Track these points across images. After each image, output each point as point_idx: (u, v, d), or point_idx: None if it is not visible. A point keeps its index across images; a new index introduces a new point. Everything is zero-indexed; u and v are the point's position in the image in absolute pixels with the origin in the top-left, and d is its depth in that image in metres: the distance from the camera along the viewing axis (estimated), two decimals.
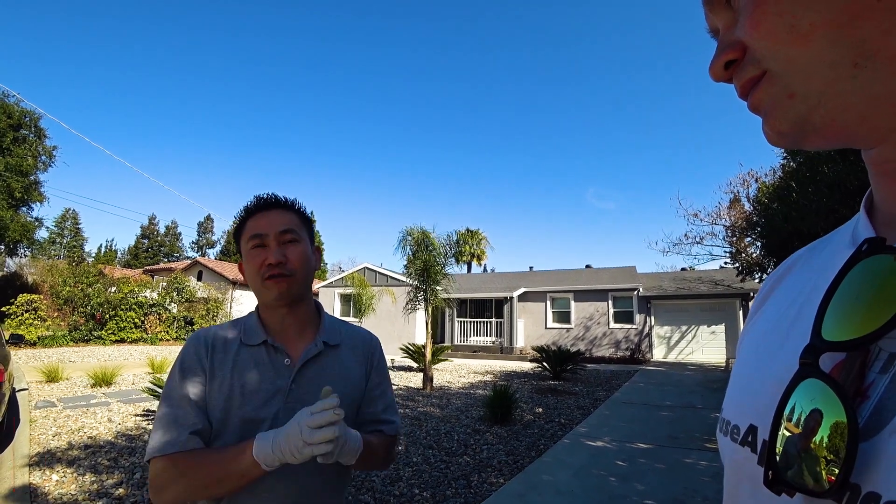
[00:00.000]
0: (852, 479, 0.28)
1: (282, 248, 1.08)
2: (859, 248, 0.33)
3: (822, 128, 0.33)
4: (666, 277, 20.97)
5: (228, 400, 1.01)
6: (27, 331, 16.73)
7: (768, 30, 0.33)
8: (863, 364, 0.31)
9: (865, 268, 0.32)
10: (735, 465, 0.41)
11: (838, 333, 0.31)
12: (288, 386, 1.04)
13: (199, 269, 29.18)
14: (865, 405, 0.30)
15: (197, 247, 61.24)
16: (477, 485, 4.24)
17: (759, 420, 0.37)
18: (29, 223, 21.69)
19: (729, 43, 0.37)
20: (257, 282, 1.07)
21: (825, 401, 0.30)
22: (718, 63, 0.37)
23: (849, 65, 0.30)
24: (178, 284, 22.39)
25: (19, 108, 20.27)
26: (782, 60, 0.33)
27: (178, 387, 1.01)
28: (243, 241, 1.11)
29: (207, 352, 1.04)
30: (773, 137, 0.36)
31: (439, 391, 9.75)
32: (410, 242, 10.50)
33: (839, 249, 0.40)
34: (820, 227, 7.62)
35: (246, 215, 1.13)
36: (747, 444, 0.39)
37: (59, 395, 8.04)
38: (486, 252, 32.04)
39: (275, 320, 1.11)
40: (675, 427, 6.52)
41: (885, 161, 0.35)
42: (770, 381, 0.37)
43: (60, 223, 50.95)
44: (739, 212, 14.85)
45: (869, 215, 0.39)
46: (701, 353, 17.65)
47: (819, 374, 0.31)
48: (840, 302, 0.33)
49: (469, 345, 20.06)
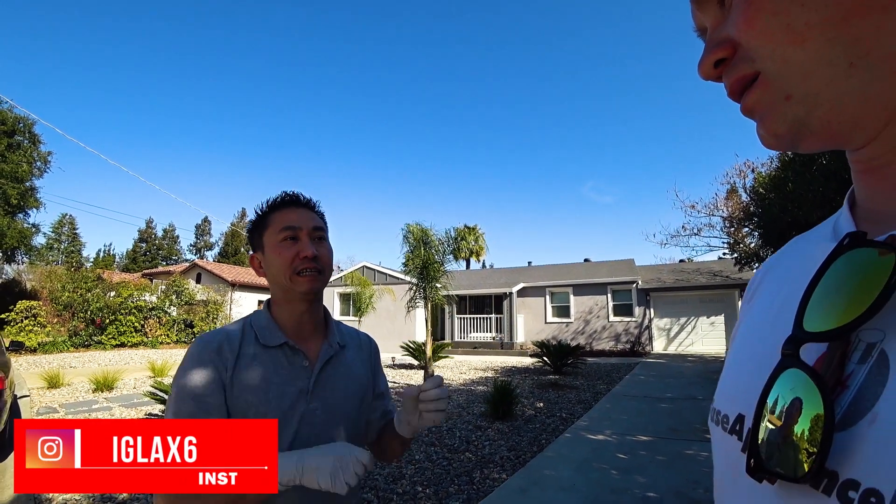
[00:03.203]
0: (831, 467, 0.29)
1: (315, 244, 1.07)
2: (841, 243, 0.34)
3: (818, 130, 0.33)
4: (664, 269, 21.01)
5: (251, 406, 0.97)
6: (27, 337, 16.68)
7: (763, 28, 0.33)
8: (843, 355, 0.32)
9: (846, 261, 0.33)
10: (723, 453, 0.42)
11: (819, 324, 0.32)
12: (309, 388, 1.04)
13: (197, 271, 29.13)
14: (845, 395, 0.31)
15: (195, 249, 61.18)
16: (479, 481, 4.26)
17: (747, 409, 0.38)
18: (26, 229, 21.60)
19: (719, 41, 0.36)
20: (286, 274, 1.04)
21: (805, 390, 0.31)
22: (708, 61, 0.37)
23: (845, 64, 0.31)
24: (178, 287, 22.35)
25: (13, 114, 20.16)
26: (778, 60, 0.33)
27: (194, 393, 0.95)
28: (271, 232, 1.07)
29: (223, 356, 0.99)
30: (768, 140, 0.36)
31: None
32: (410, 240, 10.50)
33: (821, 243, 0.41)
34: (816, 216, 7.65)
35: (270, 209, 1.11)
36: (734, 432, 0.40)
37: (61, 400, 8.04)
38: (485, 248, 32.11)
39: (291, 319, 1.08)
40: (676, 419, 6.55)
41: (869, 159, 0.36)
42: (756, 372, 0.38)
43: (58, 229, 50.81)
44: (736, 202, 14.88)
45: (851, 210, 0.40)
46: (701, 344, 17.72)
47: (799, 364, 0.32)
48: (821, 294, 0.33)
49: (469, 341, 20.09)
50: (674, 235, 17.13)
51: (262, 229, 1.10)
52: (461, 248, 11.02)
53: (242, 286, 26.27)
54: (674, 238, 17.18)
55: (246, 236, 1.19)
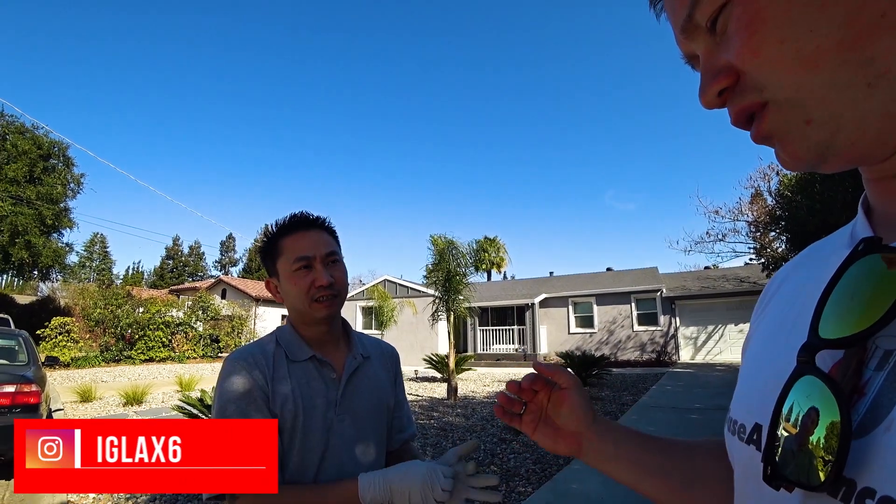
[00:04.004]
0: (848, 475, 0.28)
1: (329, 270, 1.09)
2: (856, 248, 0.34)
3: (843, 151, 0.32)
4: (689, 277, 20.60)
5: (286, 419, 1.00)
6: (61, 352, 17.20)
7: (771, 57, 0.32)
8: (860, 362, 0.32)
9: (862, 267, 0.32)
10: (742, 464, 0.41)
11: (834, 331, 0.32)
12: (337, 398, 1.07)
13: (222, 287, 29.71)
14: (862, 402, 0.30)
15: (220, 265, 62.39)
16: (505, 494, 4.20)
17: (763, 418, 0.37)
18: (60, 249, 22.42)
19: (719, 69, 0.35)
20: (305, 302, 1.06)
21: (821, 398, 0.31)
22: (711, 91, 0.36)
23: (863, 85, 0.30)
24: (203, 303, 22.80)
25: (48, 139, 21.06)
26: (791, 87, 0.32)
27: (240, 400, 0.98)
28: (284, 261, 1.09)
29: (262, 368, 1.03)
30: (790, 164, 0.36)
31: (463, 401, 9.70)
32: (434, 251, 10.54)
33: (837, 249, 0.40)
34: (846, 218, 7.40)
35: (279, 234, 1.12)
36: (752, 441, 0.39)
37: (93, 414, 8.26)
38: (506, 259, 32.01)
39: (316, 335, 1.12)
40: (706, 430, 6.37)
41: (886, 170, 0.35)
42: (771, 380, 0.37)
43: (89, 247, 52.41)
44: (761, 206, 14.56)
45: (867, 216, 0.39)
46: (729, 352, 17.23)
47: (815, 372, 0.32)
48: (837, 300, 0.33)
49: (492, 353, 19.95)
50: (698, 242, 16.84)
51: (275, 256, 1.11)
52: (483, 259, 11.00)
53: (266, 301, 26.64)
54: (698, 244, 16.88)
55: (258, 258, 1.21)
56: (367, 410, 1.11)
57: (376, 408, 1.14)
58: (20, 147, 19.80)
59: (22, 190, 19.84)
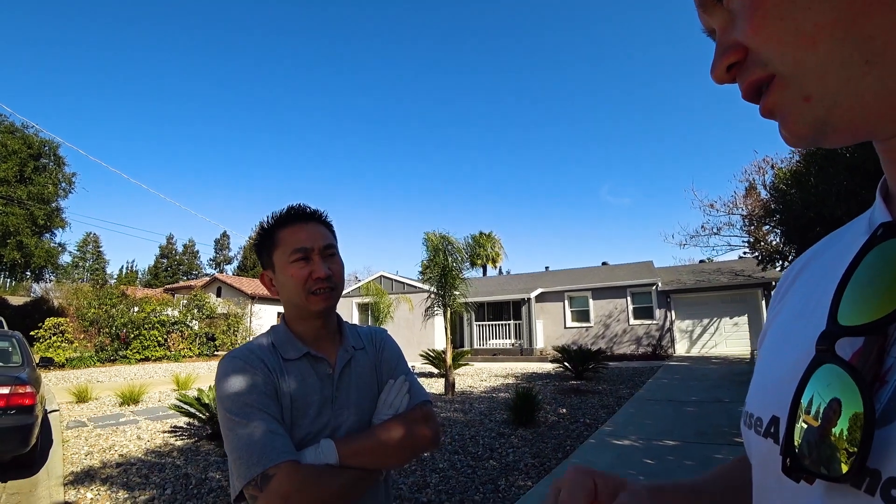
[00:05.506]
0: (872, 465, 0.28)
1: (326, 262, 1.08)
2: (874, 233, 0.33)
3: (841, 127, 0.33)
4: (684, 271, 20.69)
5: (291, 414, 1.01)
6: (55, 353, 17.08)
7: (771, 34, 0.32)
8: (881, 349, 0.31)
9: (881, 252, 0.32)
10: (760, 458, 0.41)
11: (854, 318, 0.31)
12: (333, 394, 1.07)
13: (217, 285, 29.60)
14: (884, 390, 0.30)
15: (214, 263, 62.24)
16: (504, 489, 4.22)
17: (781, 411, 0.37)
18: (52, 249, 22.23)
19: (729, 45, 0.36)
20: (301, 295, 1.05)
21: (843, 387, 0.30)
22: (720, 66, 0.37)
23: (860, 63, 0.30)
24: (199, 301, 22.71)
25: (39, 138, 20.84)
26: (790, 63, 0.32)
27: (255, 402, 0.96)
28: (281, 252, 1.08)
29: (265, 364, 1.02)
30: (791, 140, 0.36)
31: (461, 396, 9.73)
32: (429, 248, 10.53)
33: (856, 236, 0.40)
34: (841, 210, 7.45)
35: (276, 225, 1.11)
36: (770, 435, 0.38)
37: (89, 414, 8.21)
38: (502, 254, 32.02)
39: (310, 331, 1.11)
40: (703, 423, 6.42)
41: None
42: (789, 370, 0.37)
43: (82, 247, 52.15)
44: (756, 200, 14.65)
45: (885, 201, 0.38)
46: (725, 345, 17.37)
47: (835, 360, 0.31)
48: (856, 287, 0.32)
49: (488, 348, 20.00)
50: (693, 235, 16.95)
51: (272, 248, 1.10)
52: (479, 254, 11.02)
53: (262, 299, 26.58)
54: (693, 238, 17.00)
55: (254, 252, 1.20)
56: (370, 400, 1.12)
57: (370, 397, 1.14)
58: (10, 146, 19.53)
59: (13, 190, 19.62)
